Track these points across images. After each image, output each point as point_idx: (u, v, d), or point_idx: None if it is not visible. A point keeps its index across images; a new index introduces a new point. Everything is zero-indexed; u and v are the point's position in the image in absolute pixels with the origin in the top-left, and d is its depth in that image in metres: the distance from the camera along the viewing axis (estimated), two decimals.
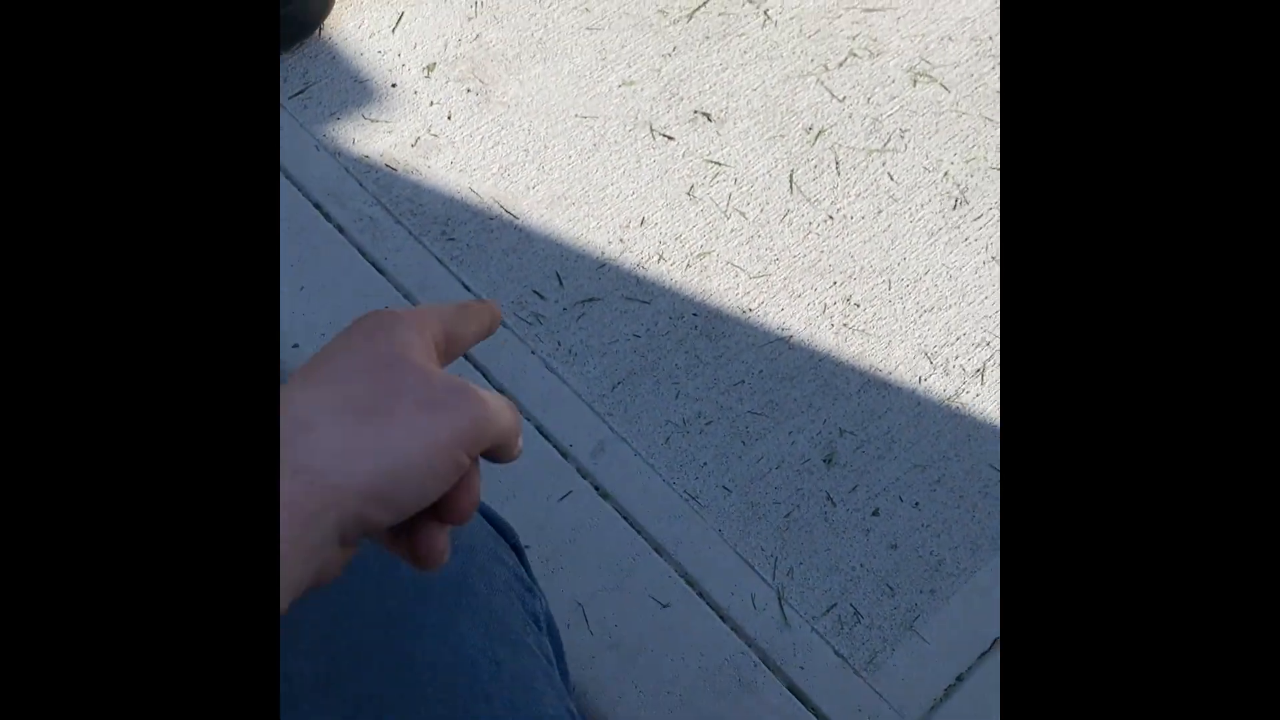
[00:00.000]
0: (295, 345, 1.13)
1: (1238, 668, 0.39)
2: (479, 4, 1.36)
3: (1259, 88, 0.41)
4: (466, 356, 1.14)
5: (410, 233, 1.20)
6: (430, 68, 1.32)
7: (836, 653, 1.03)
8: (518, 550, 0.61)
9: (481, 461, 0.41)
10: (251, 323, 0.36)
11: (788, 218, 1.25)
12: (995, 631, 1.05)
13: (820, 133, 1.31)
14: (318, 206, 1.21)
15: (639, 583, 1.04)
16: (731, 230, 1.24)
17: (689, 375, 1.16)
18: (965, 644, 1.04)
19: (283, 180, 1.21)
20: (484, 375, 1.13)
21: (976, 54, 1.36)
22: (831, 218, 1.26)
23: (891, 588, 1.06)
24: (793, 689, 1.01)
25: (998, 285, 1.22)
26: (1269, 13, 0.41)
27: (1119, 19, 0.42)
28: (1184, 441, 0.40)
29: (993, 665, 1.03)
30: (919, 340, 1.19)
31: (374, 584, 0.52)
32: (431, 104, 1.29)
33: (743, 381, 1.16)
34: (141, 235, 0.36)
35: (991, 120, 1.32)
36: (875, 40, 1.37)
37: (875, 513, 1.10)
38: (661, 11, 1.37)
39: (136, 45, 0.37)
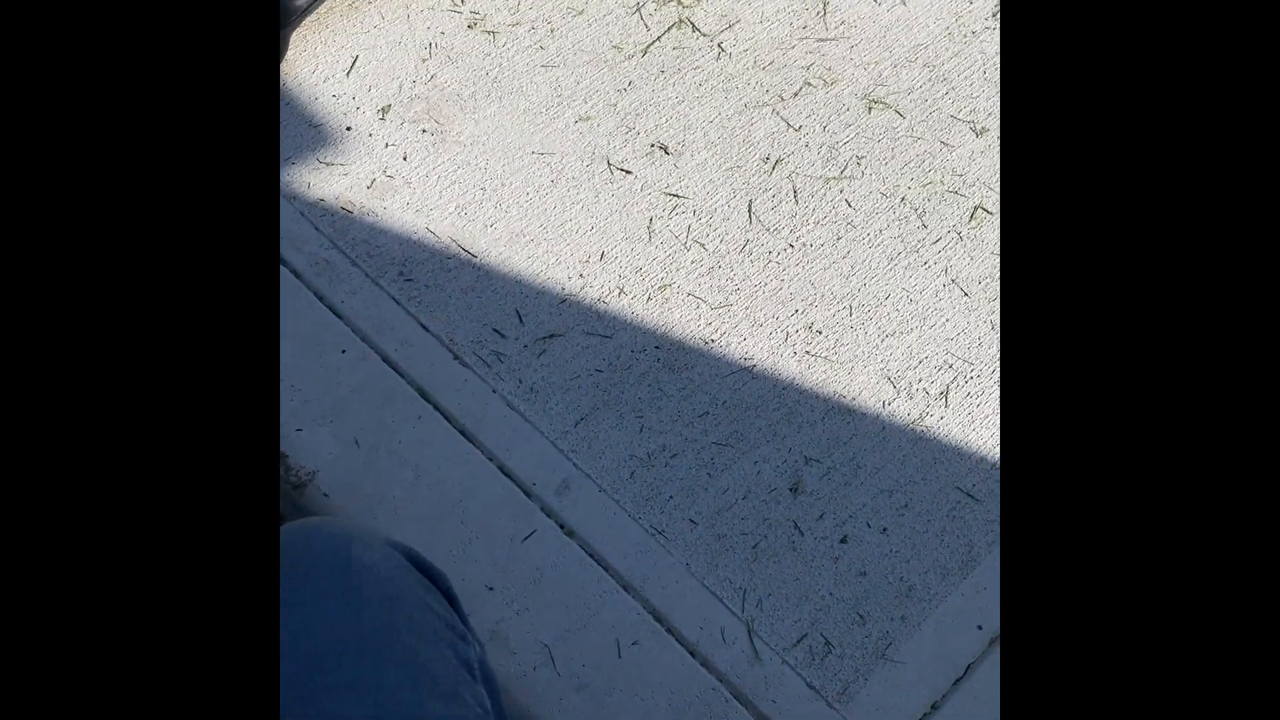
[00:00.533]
0: None
1: (1230, 679, 0.38)
2: (433, 45, 1.37)
3: (1259, 96, 0.41)
4: (426, 399, 1.13)
5: (367, 275, 1.20)
6: (385, 109, 1.32)
7: (809, 685, 1.01)
8: (450, 597, 0.59)
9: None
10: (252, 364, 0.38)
11: (747, 247, 1.25)
12: (969, 657, 1.03)
13: (778, 162, 1.31)
14: None
15: (606, 621, 1.03)
16: (692, 262, 1.24)
17: (652, 408, 1.15)
18: (939, 671, 1.03)
19: None
20: (444, 417, 1.12)
21: (929, 79, 1.37)
22: (791, 246, 1.26)
23: (862, 616, 1.05)
24: None
25: (958, 308, 1.22)
26: (1267, 21, 0.41)
27: (1117, 34, 0.42)
28: (1179, 452, 0.40)
29: (967, 692, 1.02)
30: (882, 365, 1.18)
31: (292, 641, 0.51)
32: (387, 145, 1.29)
33: (707, 413, 1.15)
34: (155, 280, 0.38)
35: (947, 144, 1.33)
36: (829, 69, 1.38)
37: (843, 540, 1.09)
38: (616, 47, 1.38)
39: (148, 83, 0.39)
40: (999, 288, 1.22)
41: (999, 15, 1.45)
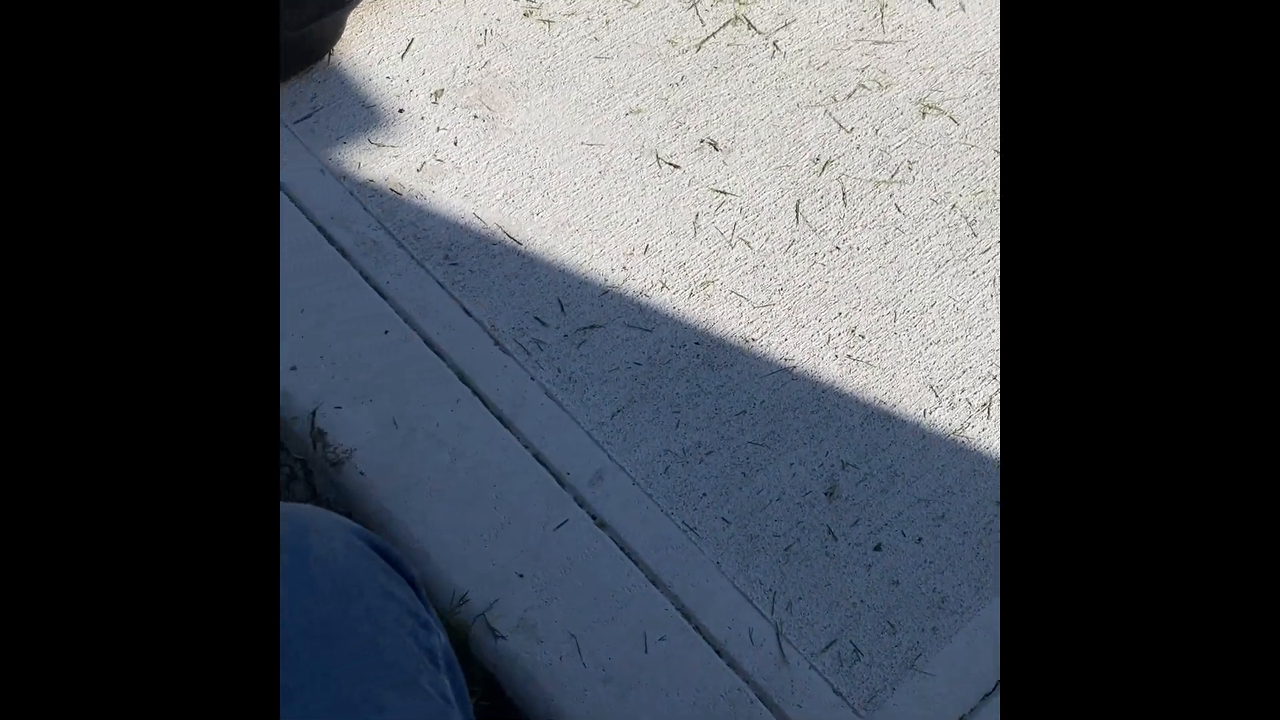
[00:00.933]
0: (294, 368, 1.12)
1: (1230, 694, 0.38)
2: (488, 32, 1.37)
3: (1260, 102, 0.40)
4: (465, 383, 1.13)
5: (412, 257, 1.20)
6: (438, 94, 1.32)
7: (835, 691, 1.00)
8: (413, 583, 0.59)
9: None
10: (250, 348, 0.38)
11: (793, 247, 1.24)
12: (999, 673, 1.02)
13: (828, 163, 1.30)
14: (321, 229, 1.20)
15: (634, 615, 1.02)
16: (736, 259, 1.23)
17: (690, 404, 1.14)
18: (968, 684, 1.01)
19: (287, 203, 1.21)
20: (483, 401, 1.12)
21: (986, 87, 1.36)
22: (838, 248, 1.24)
23: (893, 625, 1.04)
24: None
25: None
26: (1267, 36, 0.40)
27: (1122, 48, 0.42)
28: (1207, 464, 0.39)
29: (996, 707, 1.00)
30: (924, 373, 1.17)
31: None
32: (438, 130, 1.29)
33: (744, 412, 1.14)
34: (143, 261, 0.38)
35: (1001, 153, 1.31)
36: (884, 72, 1.37)
37: (877, 547, 1.08)
38: (670, 41, 1.38)
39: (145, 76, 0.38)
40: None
41: None
